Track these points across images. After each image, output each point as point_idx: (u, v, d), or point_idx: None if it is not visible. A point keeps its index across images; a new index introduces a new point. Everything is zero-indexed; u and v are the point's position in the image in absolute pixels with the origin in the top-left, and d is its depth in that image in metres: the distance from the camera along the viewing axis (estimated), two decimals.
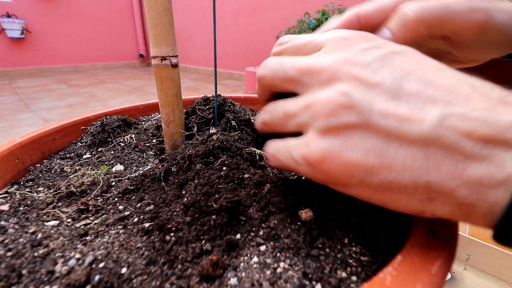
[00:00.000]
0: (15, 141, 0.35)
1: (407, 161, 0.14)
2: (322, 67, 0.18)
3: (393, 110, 0.15)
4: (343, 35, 0.19)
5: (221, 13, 3.40)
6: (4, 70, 3.64)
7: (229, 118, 0.36)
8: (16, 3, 3.59)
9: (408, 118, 0.14)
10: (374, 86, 0.16)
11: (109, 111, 0.48)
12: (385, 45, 0.18)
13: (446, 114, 0.14)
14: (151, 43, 0.32)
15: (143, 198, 0.28)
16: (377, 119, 0.15)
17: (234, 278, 0.18)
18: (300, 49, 0.21)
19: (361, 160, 0.15)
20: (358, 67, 0.17)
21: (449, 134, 0.13)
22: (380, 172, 0.15)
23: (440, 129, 0.14)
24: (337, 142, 0.16)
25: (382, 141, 0.15)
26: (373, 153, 0.15)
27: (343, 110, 0.16)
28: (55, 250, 0.21)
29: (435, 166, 0.14)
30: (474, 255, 0.61)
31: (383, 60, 0.17)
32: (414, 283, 0.14)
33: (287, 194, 0.24)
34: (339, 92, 0.16)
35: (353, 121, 0.15)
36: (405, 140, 0.14)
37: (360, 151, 0.15)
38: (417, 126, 0.14)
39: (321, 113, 0.16)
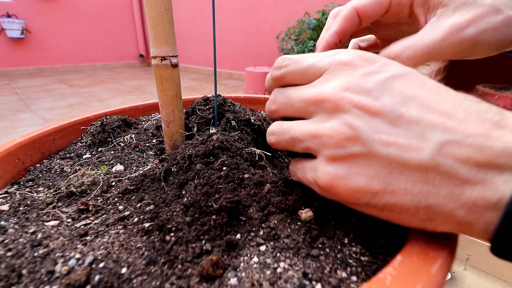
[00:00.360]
0: (15, 141, 0.35)
1: (409, 186, 0.15)
2: (326, 96, 0.18)
3: (394, 139, 0.16)
4: (343, 60, 0.19)
5: (221, 13, 3.39)
6: (4, 70, 3.63)
7: (229, 118, 0.36)
8: (16, 3, 3.59)
9: (408, 147, 0.15)
10: (376, 114, 0.17)
11: (109, 111, 0.48)
12: (385, 67, 0.18)
13: (444, 141, 0.15)
14: (151, 43, 0.32)
15: (143, 198, 0.27)
16: (380, 148, 0.16)
17: (234, 278, 0.18)
18: (301, 75, 0.21)
19: (366, 185, 0.17)
20: (359, 94, 0.17)
21: (447, 161, 0.14)
22: (384, 196, 0.16)
23: (438, 156, 0.15)
24: (343, 169, 0.17)
25: (385, 168, 0.16)
26: (377, 179, 0.16)
27: (348, 141, 0.17)
28: (55, 250, 0.21)
29: (434, 190, 0.15)
30: (474, 255, 0.61)
31: (384, 85, 0.17)
32: (414, 283, 0.14)
33: (287, 194, 0.24)
34: (343, 124, 0.17)
35: (357, 151, 0.17)
36: (406, 167, 0.15)
37: (365, 177, 0.17)
38: (416, 154, 0.15)
39: (328, 144, 0.18)
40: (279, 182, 0.26)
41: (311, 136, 0.19)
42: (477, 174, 0.14)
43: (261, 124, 0.37)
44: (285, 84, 0.23)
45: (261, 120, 0.38)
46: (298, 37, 1.90)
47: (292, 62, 0.22)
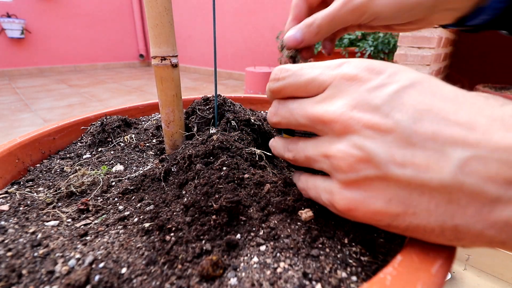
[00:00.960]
0: (15, 141, 0.35)
1: (431, 207, 0.14)
2: (333, 117, 0.17)
3: (410, 159, 0.14)
4: (348, 74, 0.18)
5: (221, 13, 3.39)
6: (4, 70, 3.63)
7: (229, 118, 0.36)
8: (16, 3, 3.59)
9: (426, 166, 0.14)
10: (388, 133, 0.15)
11: (109, 111, 0.48)
12: (393, 78, 0.17)
13: (466, 158, 0.13)
14: (151, 43, 0.32)
15: (143, 198, 0.27)
16: (395, 170, 0.15)
17: (234, 278, 0.18)
18: (302, 88, 0.20)
19: (384, 208, 0.16)
20: (368, 112, 0.16)
21: (471, 180, 0.13)
22: (405, 218, 0.15)
23: (461, 175, 0.13)
24: (359, 193, 0.16)
25: (403, 190, 0.15)
26: (396, 201, 0.15)
27: (360, 164, 0.16)
28: (55, 250, 0.21)
29: (460, 210, 0.14)
30: (474, 255, 0.61)
31: (393, 100, 0.16)
32: (414, 283, 0.14)
33: (287, 194, 0.24)
34: (354, 146, 0.16)
35: (371, 174, 0.16)
36: (426, 188, 0.14)
37: (383, 200, 0.16)
38: (436, 174, 0.14)
39: (340, 168, 0.17)
40: (279, 182, 0.26)
41: (323, 156, 0.18)
42: (507, 191, 0.13)
43: (261, 124, 0.37)
44: (284, 96, 0.22)
45: (261, 120, 0.38)
46: None
47: (291, 74, 0.20)
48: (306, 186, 0.21)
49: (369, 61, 0.18)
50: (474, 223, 0.14)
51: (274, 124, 0.23)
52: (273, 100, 0.23)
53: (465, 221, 0.14)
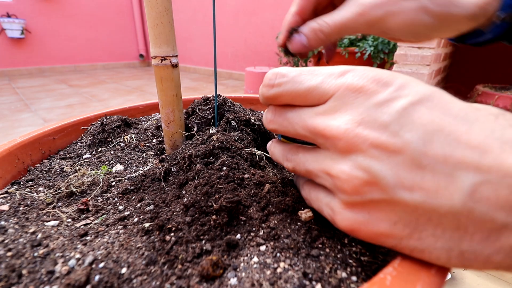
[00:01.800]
0: (15, 141, 0.35)
1: (438, 233, 0.14)
2: (336, 133, 0.16)
3: (418, 183, 0.14)
4: (353, 85, 0.16)
5: (221, 13, 3.39)
6: (4, 70, 3.63)
7: (229, 118, 0.36)
8: (16, 3, 3.59)
9: (436, 191, 0.14)
10: (396, 154, 0.14)
11: (109, 111, 0.48)
12: (402, 91, 0.15)
13: (477, 184, 0.13)
14: (151, 43, 0.32)
15: (143, 198, 0.27)
16: (402, 194, 0.14)
17: (234, 278, 0.18)
18: (301, 97, 0.18)
19: (389, 231, 0.15)
20: (375, 130, 0.15)
21: (481, 207, 0.13)
22: (410, 241, 0.15)
23: (471, 202, 0.13)
24: (363, 215, 0.16)
25: (410, 214, 0.15)
26: (401, 225, 0.15)
27: (366, 187, 0.15)
28: (55, 250, 0.21)
29: (467, 236, 0.14)
30: None
31: (402, 117, 0.15)
32: (414, 283, 0.14)
33: (286, 195, 0.24)
34: (359, 168, 0.15)
35: (377, 198, 0.15)
36: (434, 213, 0.14)
37: (388, 223, 0.15)
38: (446, 201, 0.13)
39: (343, 189, 0.16)
40: (278, 182, 0.26)
41: (325, 172, 0.17)
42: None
43: (261, 124, 0.37)
44: (279, 104, 0.20)
45: (261, 120, 0.38)
46: None
47: (288, 81, 0.19)
48: (309, 197, 0.21)
49: (375, 71, 0.17)
50: (481, 249, 0.13)
51: (270, 130, 0.22)
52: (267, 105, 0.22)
53: (472, 247, 0.14)
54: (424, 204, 0.14)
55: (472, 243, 0.13)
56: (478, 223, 0.13)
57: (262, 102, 0.22)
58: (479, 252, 0.13)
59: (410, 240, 0.15)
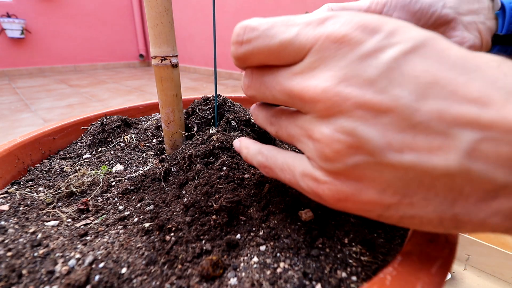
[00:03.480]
0: (15, 141, 0.35)
1: (430, 196, 0.13)
2: (314, 94, 0.14)
3: (410, 143, 0.12)
4: (334, 34, 0.14)
5: (222, 13, 3.39)
6: (4, 70, 3.63)
7: (229, 118, 0.36)
8: (16, 3, 3.59)
9: (429, 152, 0.12)
10: (384, 113, 0.13)
11: (109, 111, 0.48)
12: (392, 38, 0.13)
13: (476, 141, 0.11)
14: (151, 43, 0.32)
15: (143, 198, 0.27)
16: (392, 156, 0.13)
17: (234, 278, 0.18)
18: (274, 55, 0.16)
19: (377, 199, 0.14)
20: (359, 87, 0.13)
21: (480, 166, 0.11)
22: (399, 208, 0.14)
23: (468, 161, 0.12)
24: (348, 184, 0.14)
25: (400, 178, 0.13)
26: (391, 191, 0.13)
27: (349, 151, 0.13)
28: (55, 250, 0.21)
29: (461, 199, 0.12)
30: (474, 255, 0.61)
31: (392, 70, 0.13)
32: (414, 283, 0.14)
33: (287, 194, 0.24)
34: (341, 131, 0.13)
35: (363, 163, 0.13)
36: (427, 175, 0.12)
37: (376, 190, 0.14)
38: (441, 160, 0.12)
39: (325, 155, 0.14)
40: (279, 182, 0.26)
41: (306, 136, 0.16)
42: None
43: None
44: (253, 64, 0.18)
45: None
46: None
47: (258, 36, 0.16)
48: (274, 164, 0.18)
49: (361, 16, 0.14)
50: (476, 211, 0.12)
51: (250, 97, 0.19)
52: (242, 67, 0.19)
53: (466, 210, 0.12)
54: (415, 166, 0.12)
55: (467, 206, 0.12)
56: (475, 184, 0.12)
57: (235, 64, 0.19)
58: (474, 215, 0.12)
59: (399, 207, 0.14)
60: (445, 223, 0.13)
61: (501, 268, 0.60)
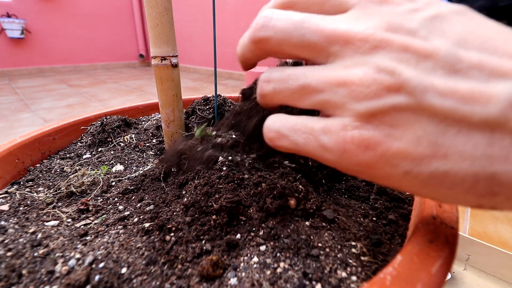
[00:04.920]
0: (15, 141, 0.35)
1: (468, 149, 0.12)
2: (360, 36, 0.14)
3: (451, 88, 0.12)
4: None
5: (222, 13, 3.40)
6: (4, 70, 3.63)
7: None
8: (16, 3, 3.59)
9: (470, 97, 0.12)
10: (426, 57, 0.13)
11: (109, 111, 0.48)
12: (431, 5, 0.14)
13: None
14: (151, 43, 0.32)
15: (143, 198, 0.27)
16: (432, 99, 0.12)
17: (234, 278, 0.18)
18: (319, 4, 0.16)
19: (409, 149, 0.13)
20: (403, 34, 0.14)
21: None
22: (431, 162, 0.13)
23: (509, 110, 0.11)
24: (382, 130, 0.13)
25: (437, 125, 0.13)
26: (425, 141, 0.13)
27: (390, 91, 0.13)
28: (55, 250, 0.21)
29: (502, 154, 0.12)
30: (474, 255, 0.61)
31: (433, 24, 0.14)
32: (414, 283, 0.14)
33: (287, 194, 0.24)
34: (383, 69, 0.13)
35: (402, 104, 0.13)
36: (466, 123, 0.12)
37: (409, 139, 0.13)
38: (481, 107, 0.12)
39: (361, 94, 0.14)
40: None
41: (336, 83, 0.14)
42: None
43: None
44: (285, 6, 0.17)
45: None
46: None
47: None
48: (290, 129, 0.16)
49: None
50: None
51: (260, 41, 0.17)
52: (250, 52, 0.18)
53: (507, 169, 0.12)
54: (456, 111, 0.12)
55: (508, 163, 0.12)
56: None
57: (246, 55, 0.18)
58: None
59: (432, 161, 0.13)
60: (480, 184, 0.12)
61: (501, 268, 0.60)
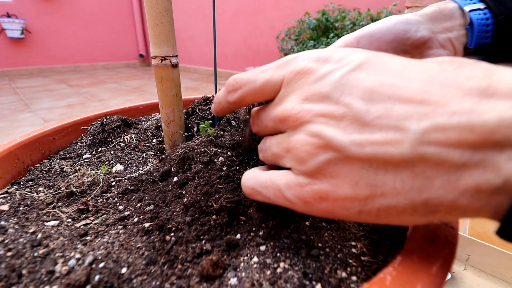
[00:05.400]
0: (15, 141, 0.35)
1: (397, 185, 0.14)
2: (286, 113, 0.18)
3: (367, 138, 0.14)
4: (296, 68, 0.18)
5: (221, 13, 3.39)
6: (4, 70, 3.63)
7: (229, 118, 0.36)
8: (16, 3, 3.59)
9: (384, 142, 0.14)
10: (341, 118, 0.15)
11: (109, 111, 0.48)
12: (340, 63, 0.17)
13: (424, 129, 0.13)
14: (151, 43, 0.32)
15: (143, 198, 0.27)
16: (355, 150, 0.15)
17: (234, 278, 0.18)
18: (260, 94, 0.20)
19: (353, 193, 0.15)
20: (318, 102, 0.16)
21: (432, 149, 0.13)
22: (374, 200, 0.15)
23: (421, 146, 0.13)
24: (327, 182, 0.16)
25: (367, 170, 0.15)
26: (363, 184, 0.15)
27: (319, 150, 0.16)
28: (55, 250, 0.21)
29: (427, 183, 0.13)
30: (474, 255, 0.61)
31: (341, 85, 0.16)
32: (414, 283, 0.14)
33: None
34: (311, 135, 0.16)
35: (332, 158, 0.15)
36: (389, 164, 0.14)
37: (350, 184, 0.15)
38: (395, 149, 0.14)
39: (301, 158, 0.17)
40: None
41: (285, 150, 0.18)
42: (473, 156, 0.12)
43: None
44: (244, 104, 0.22)
45: None
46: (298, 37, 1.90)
47: (246, 82, 0.21)
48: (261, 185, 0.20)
49: (317, 52, 0.18)
50: (444, 194, 0.13)
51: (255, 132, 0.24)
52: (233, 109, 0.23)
53: (435, 194, 0.13)
54: (376, 156, 0.14)
55: (434, 189, 0.13)
56: (434, 166, 0.13)
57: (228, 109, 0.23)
58: (442, 197, 0.13)
59: (374, 199, 0.15)
60: (419, 210, 0.14)
61: (501, 268, 0.60)
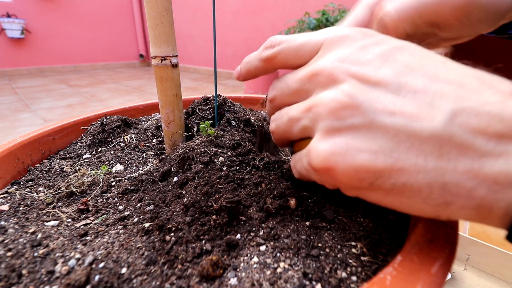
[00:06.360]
0: (15, 141, 0.35)
1: (420, 162, 0.13)
2: (320, 69, 0.17)
3: (400, 108, 0.14)
4: (340, 33, 0.18)
5: (221, 13, 3.39)
6: (4, 70, 3.63)
7: (229, 118, 0.36)
8: (16, 3, 3.59)
9: (417, 115, 0.14)
10: (377, 84, 0.15)
11: (109, 111, 0.48)
12: (385, 41, 0.17)
13: (457, 109, 0.13)
14: (151, 43, 0.32)
15: (143, 198, 0.27)
16: (383, 118, 0.14)
17: (234, 278, 0.18)
18: (295, 53, 0.20)
19: (369, 162, 0.14)
20: (358, 65, 0.16)
21: (462, 131, 0.13)
22: (391, 175, 0.14)
23: (452, 126, 0.13)
24: (341, 144, 0.15)
25: (390, 141, 0.14)
26: (382, 155, 0.14)
27: (346, 110, 0.15)
28: (55, 250, 0.21)
29: (450, 165, 0.13)
30: (474, 255, 0.61)
31: (385, 56, 0.16)
32: (414, 283, 0.14)
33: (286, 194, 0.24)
34: (340, 92, 0.16)
35: (357, 122, 0.15)
36: (416, 138, 0.14)
37: (368, 153, 0.14)
38: (427, 124, 0.13)
39: (322, 114, 0.16)
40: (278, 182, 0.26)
41: (306, 110, 0.17)
42: (497, 146, 0.12)
43: (261, 125, 0.37)
44: (276, 65, 0.22)
45: (261, 120, 0.38)
46: None
47: (286, 41, 0.21)
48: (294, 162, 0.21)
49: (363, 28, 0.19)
50: (465, 180, 0.13)
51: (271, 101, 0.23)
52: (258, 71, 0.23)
53: (456, 179, 0.13)
54: (405, 128, 0.14)
55: (456, 174, 0.13)
56: (460, 149, 0.13)
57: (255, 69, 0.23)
58: (462, 184, 0.13)
59: (391, 174, 0.14)
60: (434, 194, 0.14)
61: (501, 268, 0.60)
